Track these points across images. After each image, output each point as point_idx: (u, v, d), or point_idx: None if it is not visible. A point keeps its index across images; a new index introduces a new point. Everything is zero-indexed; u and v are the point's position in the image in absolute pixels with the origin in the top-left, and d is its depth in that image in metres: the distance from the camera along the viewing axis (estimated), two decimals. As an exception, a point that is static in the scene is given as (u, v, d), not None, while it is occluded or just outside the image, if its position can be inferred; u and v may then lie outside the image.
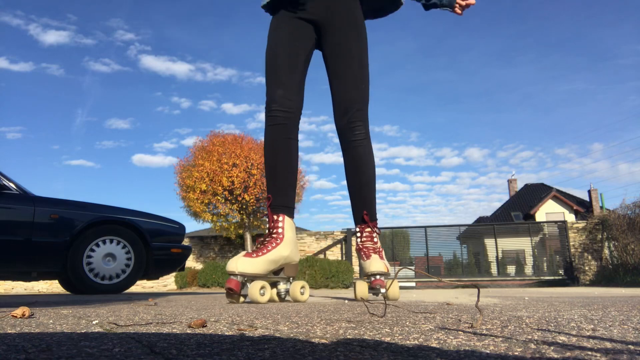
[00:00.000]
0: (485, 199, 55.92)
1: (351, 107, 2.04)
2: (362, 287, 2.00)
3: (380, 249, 2.09)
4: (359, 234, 2.09)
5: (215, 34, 59.49)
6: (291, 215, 1.98)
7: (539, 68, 52.47)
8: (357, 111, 2.04)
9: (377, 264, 1.99)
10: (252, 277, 1.82)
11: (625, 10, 46.11)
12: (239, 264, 1.79)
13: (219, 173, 13.88)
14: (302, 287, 1.99)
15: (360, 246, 2.08)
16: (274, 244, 1.88)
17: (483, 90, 55.09)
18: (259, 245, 1.90)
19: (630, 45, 47.02)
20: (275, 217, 1.93)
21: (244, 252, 1.86)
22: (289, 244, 1.92)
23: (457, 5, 2.13)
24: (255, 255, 1.83)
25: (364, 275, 2.03)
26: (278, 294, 1.99)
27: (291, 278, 2.01)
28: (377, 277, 1.98)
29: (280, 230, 1.91)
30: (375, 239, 2.08)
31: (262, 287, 1.80)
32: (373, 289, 1.98)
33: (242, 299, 1.87)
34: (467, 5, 2.14)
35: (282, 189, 1.95)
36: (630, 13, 45.81)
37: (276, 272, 1.93)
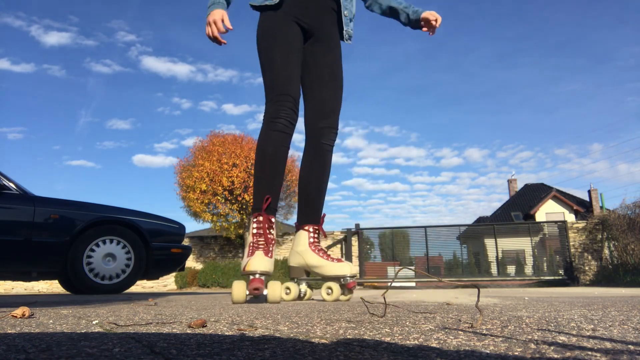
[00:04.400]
0: (485, 199, 55.89)
1: (333, 113, 2.17)
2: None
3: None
4: (313, 234, 2.14)
5: (215, 34, 59.23)
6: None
7: (540, 69, 52.47)
8: (337, 118, 2.20)
9: (342, 267, 2.04)
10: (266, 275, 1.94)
11: (624, 12, 46.15)
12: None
13: (219, 173, 13.87)
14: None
15: (313, 244, 2.14)
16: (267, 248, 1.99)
17: (483, 91, 55.07)
18: (261, 245, 1.95)
19: (629, 47, 47.04)
20: (272, 219, 2.00)
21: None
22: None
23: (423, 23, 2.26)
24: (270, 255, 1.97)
25: (329, 277, 2.06)
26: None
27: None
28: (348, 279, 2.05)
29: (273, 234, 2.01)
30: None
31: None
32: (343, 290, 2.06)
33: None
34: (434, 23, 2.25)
35: (277, 193, 2.04)
36: (629, 16, 45.83)
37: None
